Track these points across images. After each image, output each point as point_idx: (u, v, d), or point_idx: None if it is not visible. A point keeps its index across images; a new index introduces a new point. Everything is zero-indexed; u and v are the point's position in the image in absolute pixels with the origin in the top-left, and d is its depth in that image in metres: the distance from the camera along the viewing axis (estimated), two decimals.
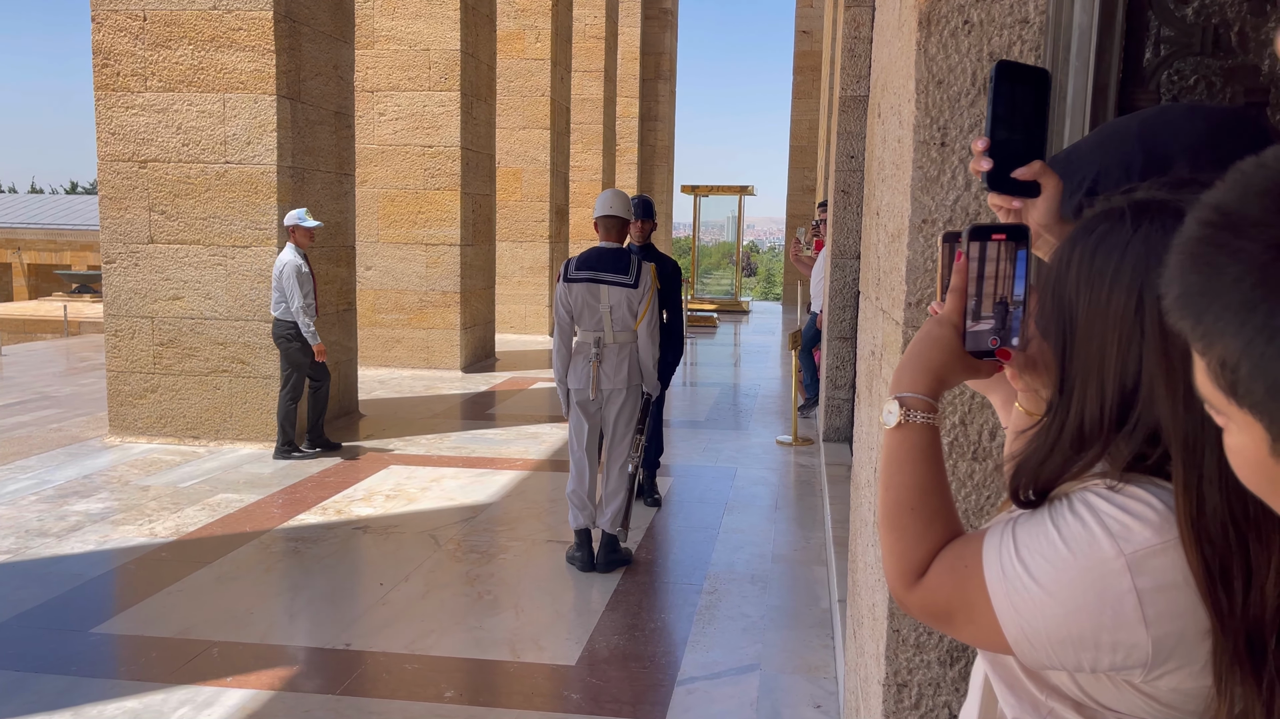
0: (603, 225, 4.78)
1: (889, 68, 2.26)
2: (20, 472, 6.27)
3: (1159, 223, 0.83)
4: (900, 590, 0.97)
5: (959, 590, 0.91)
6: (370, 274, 10.85)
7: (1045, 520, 0.87)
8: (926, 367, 1.00)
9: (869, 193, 2.79)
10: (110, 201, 7.08)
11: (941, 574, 0.93)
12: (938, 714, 1.90)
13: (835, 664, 3.75)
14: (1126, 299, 0.83)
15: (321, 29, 7.54)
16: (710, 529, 5.50)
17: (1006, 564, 0.87)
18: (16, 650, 3.73)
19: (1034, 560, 0.85)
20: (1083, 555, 0.82)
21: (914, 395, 0.99)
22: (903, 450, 0.99)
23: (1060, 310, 0.89)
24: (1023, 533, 0.88)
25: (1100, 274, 0.85)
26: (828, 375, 7.05)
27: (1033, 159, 1.06)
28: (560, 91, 14.64)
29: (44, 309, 22.15)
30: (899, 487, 0.98)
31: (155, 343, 7.13)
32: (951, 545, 0.95)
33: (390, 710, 3.33)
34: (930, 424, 0.99)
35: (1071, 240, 0.90)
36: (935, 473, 0.98)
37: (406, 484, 6.22)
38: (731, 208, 22.80)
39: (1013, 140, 1.06)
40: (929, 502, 0.97)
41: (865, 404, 2.63)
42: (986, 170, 1.06)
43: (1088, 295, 0.86)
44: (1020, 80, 1.06)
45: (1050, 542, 0.85)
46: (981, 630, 0.89)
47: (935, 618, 0.94)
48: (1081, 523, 0.84)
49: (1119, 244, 0.85)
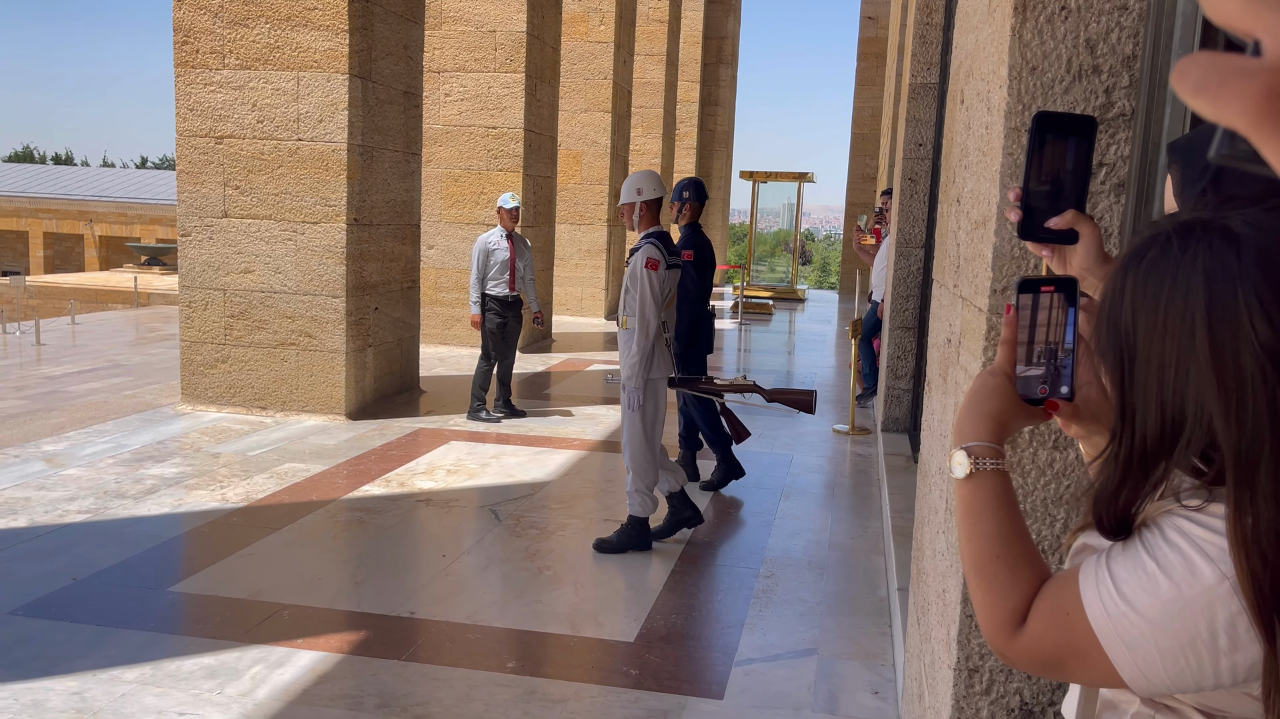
0: (658, 208, 4.87)
1: (975, 54, 2.25)
2: (98, 435, 6.49)
3: (1205, 242, 0.84)
4: (1001, 642, 0.97)
5: (1065, 637, 0.91)
6: (433, 253, 10.98)
7: (1140, 552, 0.87)
8: (987, 414, 1.02)
9: (946, 180, 2.78)
10: (187, 176, 7.27)
11: (1043, 623, 0.93)
12: (1009, 701, 1.91)
13: (893, 652, 3.76)
14: (1181, 321, 0.84)
15: (393, 9, 7.64)
16: (766, 515, 5.51)
17: (1109, 604, 0.87)
18: (98, 606, 3.88)
19: (1137, 596, 0.86)
20: (1186, 584, 0.83)
21: (980, 444, 1.01)
22: (978, 500, 1.00)
23: (1116, 338, 0.90)
24: (1119, 569, 0.88)
25: (1154, 298, 0.86)
26: (888, 365, 7.00)
27: (1067, 208, 1.08)
28: (622, 75, 14.65)
29: (114, 280, 22.79)
30: (981, 537, 0.99)
31: (227, 315, 7.32)
32: (1045, 592, 0.95)
33: (453, 678, 3.41)
34: (1000, 469, 1.01)
35: (1123, 268, 0.91)
36: (1014, 517, 1.00)
37: (467, 460, 6.32)
38: (789, 195, 22.64)
39: (1048, 190, 1.09)
40: (1013, 547, 0.98)
41: (938, 392, 2.63)
42: (1015, 221, 1.08)
43: (1145, 319, 0.87)
44: (1059, 130, 1.08)
45: (1150, 574, 0.85)
46: (1095, 673, 0.90)
47: (1044, 667, 0.95)
48: (1178, 552, 0.84)
49: (1169, 268, 0.85)
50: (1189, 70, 0.47)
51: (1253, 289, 0.79)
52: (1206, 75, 0.46)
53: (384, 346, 7.87)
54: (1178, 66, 0.48)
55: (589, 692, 3.36)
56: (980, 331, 1.91)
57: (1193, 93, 0.47)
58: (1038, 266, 1.81)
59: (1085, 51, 1.73)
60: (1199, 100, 0.46)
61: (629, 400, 4.62)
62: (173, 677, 3.32)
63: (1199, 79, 0.46)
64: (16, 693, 3.18)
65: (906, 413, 6.80)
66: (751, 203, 21.29)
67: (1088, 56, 1.73)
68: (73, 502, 5.12)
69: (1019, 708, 1.90)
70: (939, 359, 2.67)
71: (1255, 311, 0.79)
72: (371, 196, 7.48)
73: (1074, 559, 0.99)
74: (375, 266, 7.63)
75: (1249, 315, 0.79)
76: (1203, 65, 0.46)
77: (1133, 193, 1.71)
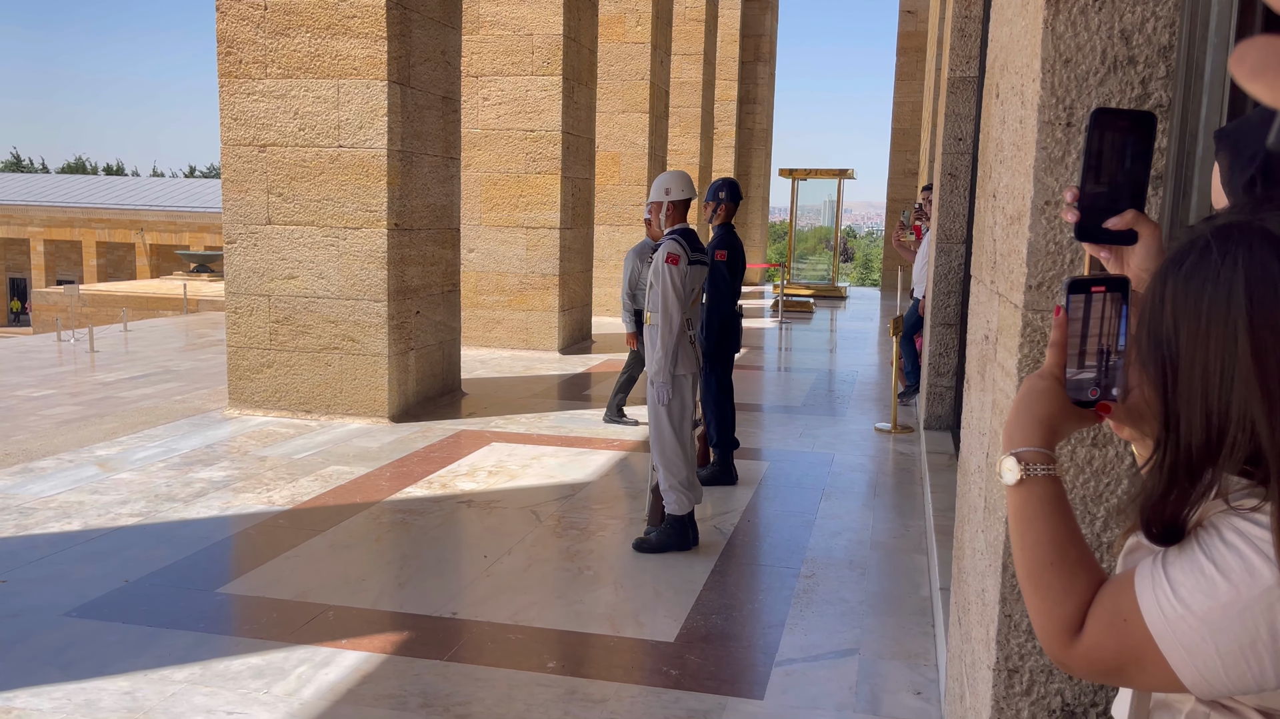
0: (685, 208, 4.94)
1: (1009, 47, 2.22)
2: (148, 440, 6.64)
3: (1244, 244, 0.83)
4: (1058, 650, 0.95)
5: (1124, 644, 0.90)
6: (473, 257, 11.08)
7: (1197, 554, 0.86)
8: (1037, 419, 1.01)
9: (984, 175, 2.75)
10: (232, 184, 7.40)
11: (1100, 630, 0.92)
12: (1049, 702, 1.89)
13: (936, 652, 3.72)
14: (1225, 326, 0.83)
15: (431, 15, 7.72)
16: (807, 514, 5.48)
17: (1167, 608, 0.86)
18: (149, 607, 3.97)
19: (1195, 599, 0.84)
20: (1245, 586, 0.82)
21: (1030, 449, 1.00)
22: (1030, 506, 0.99)
23: (1158, 345, 0.89)
24: (1176, 571, 0.87)
25: (1195, 305, 0.85)
26: (930, 362, 6.93)
27: (1126, 207, 1.05)
28: (659, 75, 14.65)
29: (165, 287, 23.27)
30: (1034, 544, 0.98)
31: (272, 320, 7.44)
32: (1101, 598, 0.94)
33: (495, 678, 3.44)
34: (1052, 475, 0.99)
35: (1162, 276, 0.89)
36: (1067, 523, 0.98)
37: (508, 461, 6.37)
38: (829, 191, 22.48)
39: (1106, 190, 1.06)
40: (1068, 553, 0.96)
41: (976, 389, 2.60)
42: (1074, 221, 1.06)
43: (1187, 327, 0.86)
44: (1117, 127, 1.05)
45: (1208, 577, 0.84)
46: (1156, 678, 0.89)
47: (1104, 674, 0.93)
48: (1236, 553, 0.83)
49: (1210, 273, 0.84)
50: (1248, 53, 0.45)
51: None
52: (1265, 59, 0.44)
53: (425, 350, 7.95)
54: (1236, 50, 0.46)
55: (629, 692, 3.37)
56: (1016, 328, 1.89)
57: (1251, 76, 0.45)
58: (1073, 262, 1.78)
59: (1120, 42, 1.70)
60: (1257, 84, 0.45)
61: (657, 394, 4.63)
62: (221, 676, 3.39)
63: (1258, 62, 0.45)
64: (70, 693, 3.26)
65: (949, 410, 6.73)
66: (791, 200, 21.18)
67: (1123, 47, 1.70)
68: (125, 505, 5.24)
69: (1060, 709, 1.88)
70: (977, 356, 2.64)
71: None
72: (411, 201, 7.56)
73: (1127, 560, 0.98)
74: (416, 270, 7.71)
75: None
76: (1262, 49, 0.45)
77: (1170, 185, 1.68)
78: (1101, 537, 1.81)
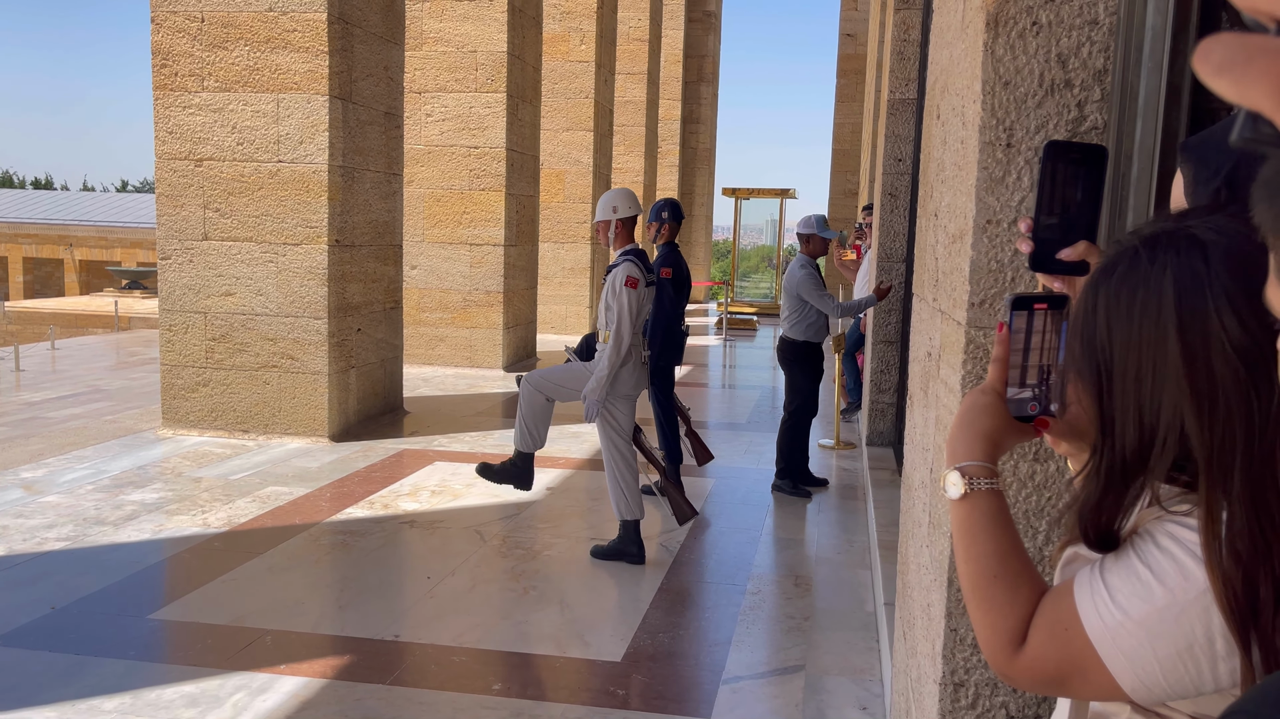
0: (633, 225, 4.96)
1: (950, 69, 2.26)
2: (77, 461, 6.43)
3: (1172, 250, 0.85)
4: (1003, 662, 0.95)
5: (1065, 653, 0.90)
6: (416, 273, 10.97)
7: (1133, 560, 0.87)
8: (980, 433, 1.02)
9: (925, 194, 2.79)
10: (167, 199, 7.24)
11: (1043, 641, 0.92)
12: (994, 715, 1.90)
13: (881, 667, 3.75)
14: (1156, 329, 0.84)
15: (373, 30, 7.66)
16: (753, 530, 5.50)
17: (1106, 614, 0.87)
18: (77, 635, 3.83)
19: (1132, 604, 0.85)
20: (1180, 590, 0.83)
21: (973, 463, 1.00)
22: (973, 520, 0.99)
23: (1093, 352, 0.90)
24: (1113, 578, 0.88)
25: (1128, 309, 0.86)
26: (871, 379, 7.02)
27: (1079, 239, 1.07)
28: (604, 94, 14.71)
29: (95, 304, 22.63)
30: (978, 557, 0.98)
31: (208, 338, 7.28)
32: (1043, 609, 0.94)
33: (439, 701, 3.37)
34: (995, 489, 1.00)
35: (1094, 284, 0.91)
36: (1010, 536, 0.99)
37: (451, 480, 6.29)
38: (772, 211, 22.75)
39: (1059, 221, 1.08)
40: (1010, 565, 0.97)
41: (919, 406, 2.63)
42: (1028, 252, 1.08)
43: (1120, 332, 0.87)
44: (1069, 159, 1.07)
45: (1144, 582, 0.85)
46: (1098, 687, 0.89)
47: (1047, 685, 0.93)
48: (1170, 557, 0.84)
49: (1140, 279, 0.86)
50: (1213, 50, 0.45)
51: (1222, 291, 0.80)
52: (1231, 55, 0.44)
53: (367, 368, 7.84)
54: (1200, 47, 0.46)
55: (576, 713, 3.34)
56: (959, 345, 1.91)
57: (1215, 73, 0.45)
58: (1014, 280, 1.81)
59: (1057, 66, 1.74)
60: (1221, 81, 0.45)
61: (586, 411, 4.66)
62: (153, 705, 3.28)
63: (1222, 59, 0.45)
64: None
65: (891, 426, 6.82)
66: (734, 219, 21.37)
67: (1059, 71, 1.74)
68: (51, 529, 5.06)
69: None
70: (920, 373, 2.67)
71: (1225, 313, 0.80)
72: (353, 217, 7.47)
73: (1065, 571, 0.98)
74: (357, 287, 7.61)
75: (1219, 318, 0.80)
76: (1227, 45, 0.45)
77: (1106, 206, 1.72)
78: (1044, 550, 1.84)
